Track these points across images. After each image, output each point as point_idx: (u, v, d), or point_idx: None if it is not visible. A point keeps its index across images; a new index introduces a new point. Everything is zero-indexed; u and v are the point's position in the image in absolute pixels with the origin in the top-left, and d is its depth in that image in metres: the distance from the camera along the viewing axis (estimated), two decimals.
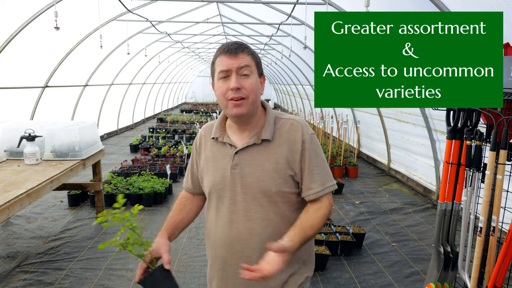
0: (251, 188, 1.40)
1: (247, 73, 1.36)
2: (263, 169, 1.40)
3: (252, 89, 1.37)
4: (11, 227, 4.54)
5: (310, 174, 1.42)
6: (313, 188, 1.42)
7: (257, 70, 1.41)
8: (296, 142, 1.41)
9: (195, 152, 1.59)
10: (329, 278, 3.49)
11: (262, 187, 1.39)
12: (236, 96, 1.35)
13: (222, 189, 1.44)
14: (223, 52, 1.37)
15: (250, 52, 1.40)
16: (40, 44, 6.68)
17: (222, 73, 1.37)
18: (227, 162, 1.44)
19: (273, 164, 1.40)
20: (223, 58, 1.37)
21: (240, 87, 1.34)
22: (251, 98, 1.37)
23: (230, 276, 1.46)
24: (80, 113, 9.30)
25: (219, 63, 1.38)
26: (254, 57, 1.41)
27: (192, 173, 1.62)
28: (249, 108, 1.38)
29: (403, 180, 6.71)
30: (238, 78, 1.35)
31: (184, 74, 22.74)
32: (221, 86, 1.38)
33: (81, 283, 3.36)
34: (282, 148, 1.41)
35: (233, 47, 1.37)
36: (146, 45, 10.69)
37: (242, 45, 1.39)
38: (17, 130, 4.07)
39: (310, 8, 6.67)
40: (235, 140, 1.46)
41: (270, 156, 1.41)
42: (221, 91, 1.38)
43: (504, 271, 1.99)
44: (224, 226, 1.44)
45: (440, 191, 2.37)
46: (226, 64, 1.35)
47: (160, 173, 6.52)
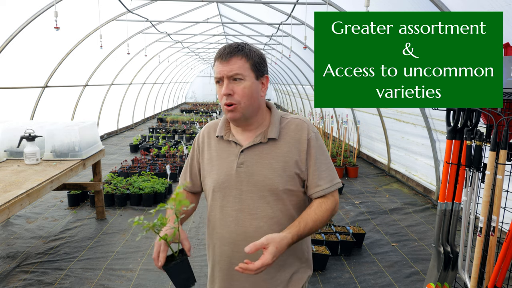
0: (258, 186, 1.41)
1: (239, 77, 1.36)
2: (270, 167, 1.41)
3: (244, 94, 1.36)
4: (11, 227, 4.54)
5: (317, 171, 1.43)
6: (321, 185, 1.43)
7: (254, 73, 1.39)
8: (302, 140, 1.43)
9: (197, 150, 1.59)
10: (329, 278, 3.49)
11: (269, 185, 1.40)
12: (228, 102, 1.36)
13: (228, 187, 1.44)
14: (218, 58, 1.38)
15: (245, 55, 1.37)
16: (40, 44, 6.68)
17: (216, 79, 1.39)
18: (233, 161, 1.44)
19: (280, 163, 1.41)
20: (217, 64, 1.38)
21: (231, 93, 1.36)
22: (243, 103, 1.37)
23: (235, 275, 1.46)
24: (80, 113, 9.30)
25: (215, 68, 1.40)
26: (250, 59, 1.38)
27: (192, 172, 1.61)
28: (244, 112, 1.39)
29: (403, 180, 6.71)
30: (231, 83, 1.36)
31: (184, 74, 22.74)
32: (218, 90, 1.41)
33: (81, 283, 3.36)
34: (288, 147, 1.42)
35: (225, 52, 1.36)
36: (146, 45, 10.69)
37: (235, 49, 1.36)
38: (17, 130, 4.07)
39: (310, 8, 6.67)
40: (240, 138, 1.47)
41: (277, 155, 1.42)
42: (218, 96, 1.41)
43: (504, 271, 1.99)
44: (230, 225, 1.44)
45: (440, 191, 2.37)
46: (218, 71, 1.38)
47: (160, 173, 6.53)
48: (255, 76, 1.39)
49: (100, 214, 4.87)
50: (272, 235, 1.26)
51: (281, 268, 1.46)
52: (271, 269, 1.44)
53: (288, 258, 1.47)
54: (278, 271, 1.46)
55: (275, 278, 1.45)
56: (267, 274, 1.44)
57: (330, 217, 1.43)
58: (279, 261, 1.44)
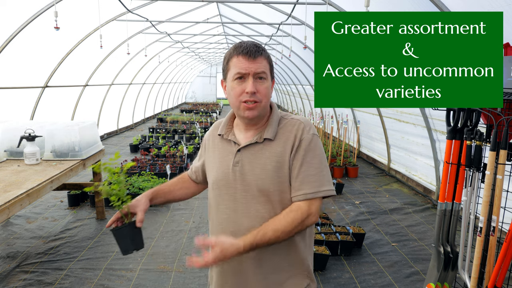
0: (251, 186, 1.41)
1: (264, 76, 1.38)
2: (262, 168, 1.40)
3: (266, 94, 1.39)
4: (11, 227, 4.54)
5: (300, 175, 1.38)
6: (302, 189, 1.37)
7: (270, 75, 1.43)
8: (294, 140, 1.40)
9: (203, 148, 1.63)
10: (329, 278, 3.49)
11: (260, 185, 1.39)
12: (251, 99, 1.36)
13: (224, 185, 1.45)
14: (242, 54, 1.36)
15: (266, 56, 1.40)
16: (40, 44, 6.68)
17: (238, 75, 1.36)
18: (230, 159, 1.46)
19: (273, 163, 1.40)
20: (241, 60, 1.36)
21: (255, 92, 1.35)
22: (264, 102, 1.39)
23: (228, 273, 1.47)
24: (80, 113, 9.30)
25: (236, 63, 1.37)
26: (269, 61, 1.42)
27: (198, 165, 1.67)
28: (261, 112, 1.41)
29: (403, 180, 6.71)
30: (254, 82, 1.36)
31: (184, 74, 22.74)
32: (235, 87, 1.37)
33: (81, 283, 3.36)
34: (283, 147, 1.41)
35: (252, 49, 1.36)
36: (146, 45, 10.69)
37: (260, 48, 1.39)
38: (17, 130, 4.07)
39: (310, 8, 6.67)
40: (240, 138, 1.48)
41: (271, 155, 1.41)
42: (236, 93, 1.38)
43: (504, 271, 1.99)
44: (223, 223, 1.46)
45: (440, 191, 2.37)
46: (245, 67, 1.35)
47: (160, 173, 6.53)
48: (271, 78, 1.43)
49: (100, 214, 4.87)
50: (223, 239, 1.28)
51: (274, 270, 1.45)
52: (263, 269, 1.43)
53: (280, 261, 1.44)
54: (272, 273, 1.45)
55: (268, 279, 1.45)
56: (260, 274, 1.44)
57: (295, 229, 1.33)
58: (271, 263, 1.43)
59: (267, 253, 1.41)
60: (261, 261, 1.42)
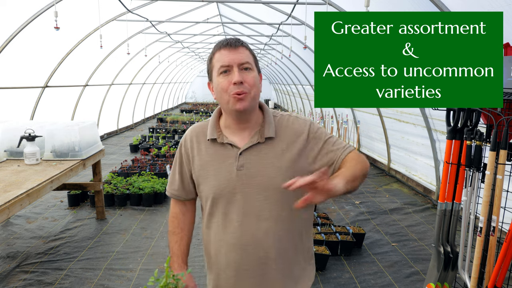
0: (262, 187, 1.37)
1: (249, 67, 1.35)
2: (272, 166, 1.37)
3: (254, 83, 1.35)
4: (11, 227, 4.54)
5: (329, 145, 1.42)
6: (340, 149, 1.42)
7: (256, 68, 1.40)
8: (302, 132, 1.42)
9: (185, 157, 1.49)
10: (329, 278, 3.49)
11: (274, 184, 1.36)
12: (239, 90, 1.31)
13: (230, 192, 1.38)
14: (223, 47, 1.35)
15: (248, 48, 1.39)
16: (40, 44, 6.68)
17: (223, 68, 1.34)
18: (231, 164, 1.39)
19: (281, 160, 1.38)
20: (223, 53, 1.34)
21: (242, 81, 1.32)
22: (253, 92, 1.35)
23: (245, 281, 1.42)
24: (80, 113, 9.30)
25: (219, 58, 1.35)
26: (252, 53, 1.40)
27: (183, 180, 1.53)
28: (251, 103, 1.35)
29: (403, 180, 6.71)
30: (240, 72, 1.33)
31: (184, 74, 22.74)
32: (222, 81, 1.34)
33: (81, 283, 3.36)
34: (286, 143, 1.40)
35: (232, 41, 1.35)
36: (146, 45, 10.69)
37: (240, 40, 1.38)
38: (17, 130, 4.07)
39: (310, 8, 6.67)
40: (235, 140, 1.41)
41: (277, 153, 1.39)
42: (222, 86, 1.33)
43: (504, 271, 1.99)
44: (236, 231, 1.39)
45: (440, 191, 2.37)
46: (227, 59, 1.33)
47: (160, 173, 6.52)
48: (257, 71, 1.40)
49: (100, 214, 4.87)
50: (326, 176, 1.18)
51: (291, 266, 1.45)
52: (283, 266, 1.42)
53: (295, 256, 1.45)
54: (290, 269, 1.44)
55: (286, 276, 1.44)
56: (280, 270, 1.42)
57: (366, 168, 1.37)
58: (287, 259, 1.43)
59: (281, 249, 1.41)
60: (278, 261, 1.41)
